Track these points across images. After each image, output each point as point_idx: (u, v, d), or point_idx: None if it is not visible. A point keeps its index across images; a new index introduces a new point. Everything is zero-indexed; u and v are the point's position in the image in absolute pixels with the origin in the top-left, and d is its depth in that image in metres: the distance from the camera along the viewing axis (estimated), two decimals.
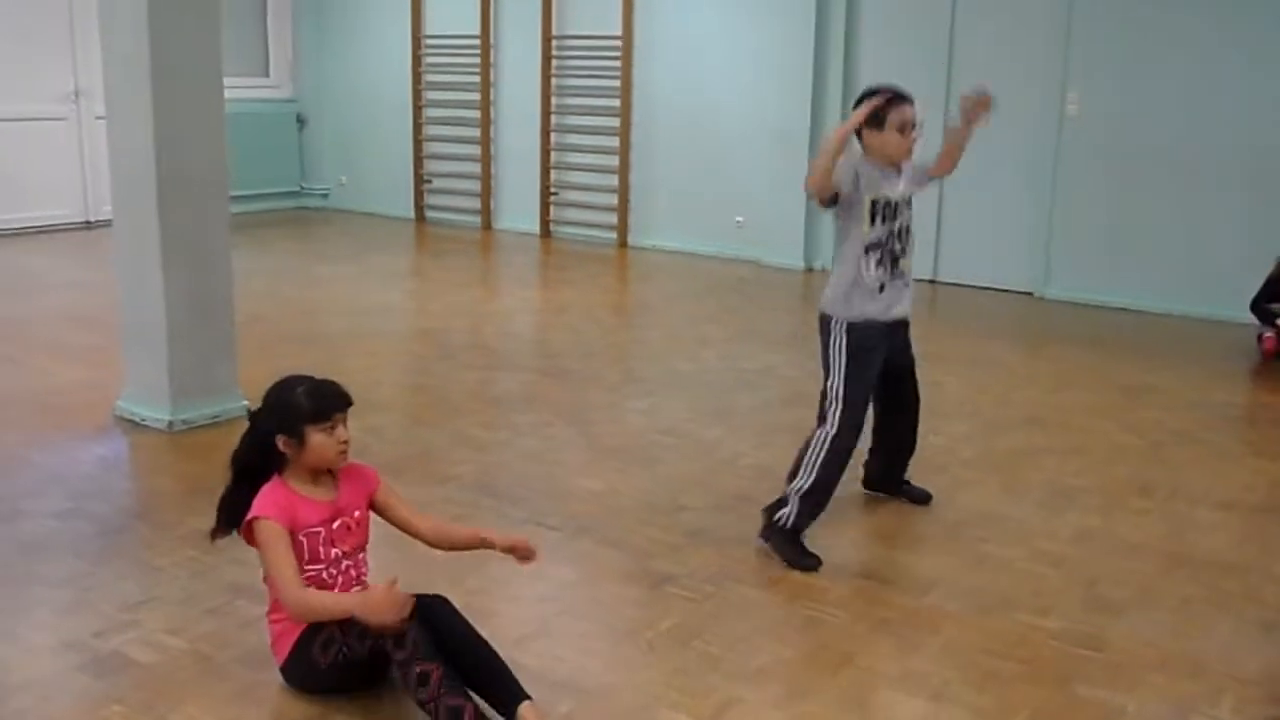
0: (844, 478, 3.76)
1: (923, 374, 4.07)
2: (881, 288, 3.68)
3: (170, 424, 4.68)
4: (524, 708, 2.62)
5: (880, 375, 3.79)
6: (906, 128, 3.64)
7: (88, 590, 3.30)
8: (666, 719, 2.73)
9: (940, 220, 8.33)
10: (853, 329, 3.68)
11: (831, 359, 3.71)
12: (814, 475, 3.65)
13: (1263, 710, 2.86)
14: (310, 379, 2.84)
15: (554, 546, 3.69)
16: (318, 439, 2.76)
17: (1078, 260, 7.84)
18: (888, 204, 3.66)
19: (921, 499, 4.17)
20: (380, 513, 2.94)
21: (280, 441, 2.77)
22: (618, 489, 4.22)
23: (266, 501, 2.75)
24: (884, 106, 3.62)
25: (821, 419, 3.74)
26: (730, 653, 3.04)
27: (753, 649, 3.07)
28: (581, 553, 3.67)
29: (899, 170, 3.72)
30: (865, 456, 4.12)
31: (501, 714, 2.63)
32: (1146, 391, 5.73)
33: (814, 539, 3.71)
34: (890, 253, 3.68)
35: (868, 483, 4.19)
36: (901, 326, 3.85)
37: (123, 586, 3.32)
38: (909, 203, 3.76)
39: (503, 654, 2.78)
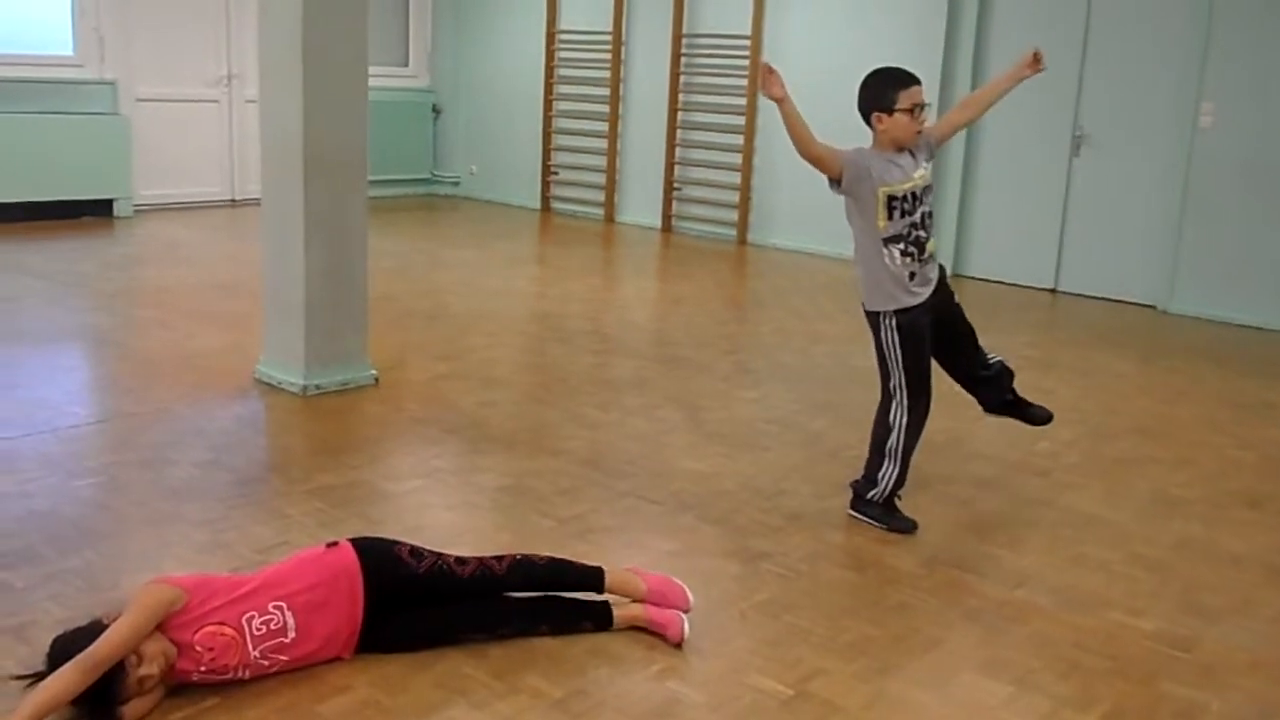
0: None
1: (1034, 380, 4.08)
2: (912, 275, 3.70)
3: (304, 388, 4.97)
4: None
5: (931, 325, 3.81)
6: (917, 110, 3.62)
7: (224, 531, 3.57)
8: (754, 683, 2.86)
9: (1064, 229, 8.25)
10: (901, 316, 3.72)
11: (887, 350, 3.77)
12: (899, 461, 3.83)
13: None
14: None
15: (655, 520, 3.86)
16: None
17: (1204, 275, 7.69)
18: (905, 197, 3.65)
19: (1041, 419, 4.08)
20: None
21: None
22: (722, 471, 4.35)
23: None
24: (892, 89, 3.62)
25: (887, 400, 3.84)
26: (819, 628, 3.15)
27: (841, 627, 3.17)
28: (682, 527, 3.81)
29: (911, 154, 3.70)
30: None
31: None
32: (1264, 408, 5.63)
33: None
34: (915, 242, 3.69)
35: (987, 408, 4.13)
36: (939, 289, 3.81)
37: (256, 530, 3.59)
38: (929, 188, 3.73)
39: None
